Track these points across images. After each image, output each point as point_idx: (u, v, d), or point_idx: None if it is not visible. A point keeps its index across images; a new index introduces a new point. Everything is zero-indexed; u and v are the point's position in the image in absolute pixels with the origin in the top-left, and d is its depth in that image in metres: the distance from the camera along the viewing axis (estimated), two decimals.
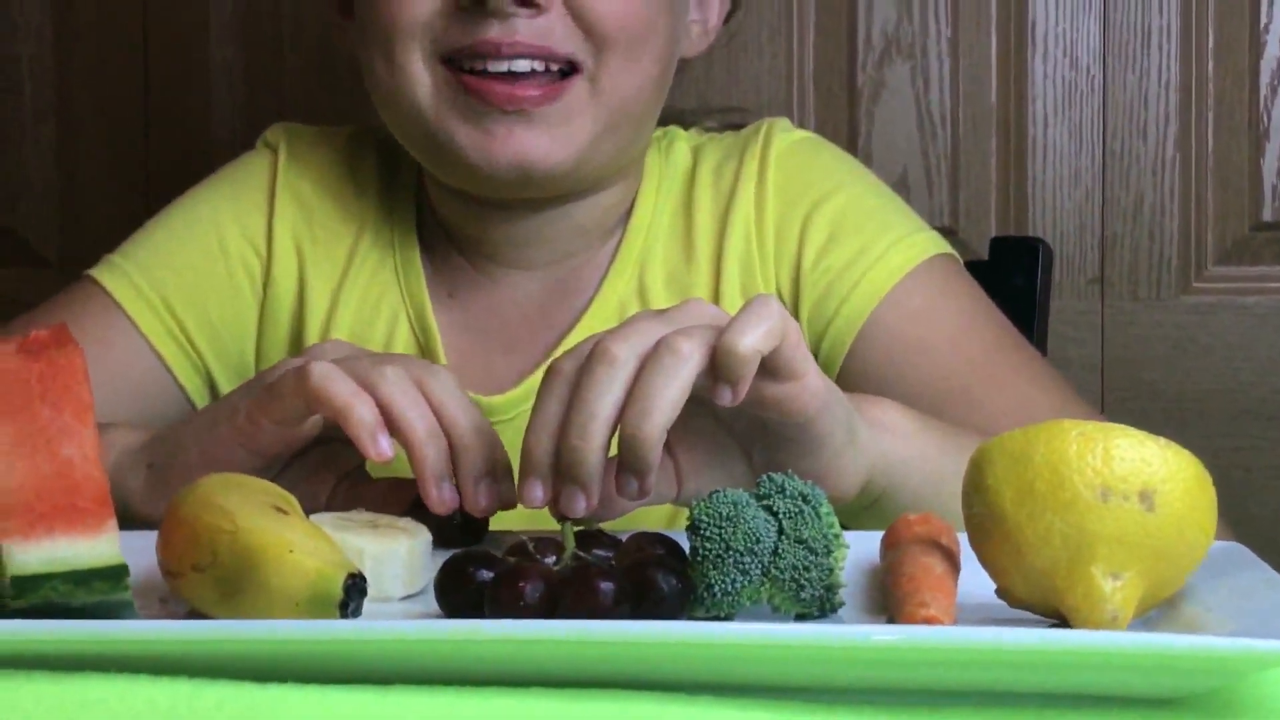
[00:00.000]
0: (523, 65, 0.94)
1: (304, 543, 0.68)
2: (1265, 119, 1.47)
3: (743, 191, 1.01)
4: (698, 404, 0.72)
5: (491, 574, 0.68)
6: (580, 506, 0.72)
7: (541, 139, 0.95)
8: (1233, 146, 1.50)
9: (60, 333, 0.69)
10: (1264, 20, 1.47)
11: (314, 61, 1.62)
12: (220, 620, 0.68)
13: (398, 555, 0.74)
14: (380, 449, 0.77)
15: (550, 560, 0.70)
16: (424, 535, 0.76)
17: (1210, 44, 1.48)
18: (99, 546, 0.68)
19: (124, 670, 0.61)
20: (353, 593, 0.66)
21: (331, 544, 0.69)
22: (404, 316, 1.04)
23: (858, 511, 0.81)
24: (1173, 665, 0.59)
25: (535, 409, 0.73)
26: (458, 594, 0.69)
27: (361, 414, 0.77)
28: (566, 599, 0.66)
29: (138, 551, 0.71)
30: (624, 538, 0.73)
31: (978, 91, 1.49)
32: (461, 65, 0.95)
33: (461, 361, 1.02)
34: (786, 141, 1.03)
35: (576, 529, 0.72)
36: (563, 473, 0.72)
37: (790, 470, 0.72)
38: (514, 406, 1.01)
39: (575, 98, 0.95)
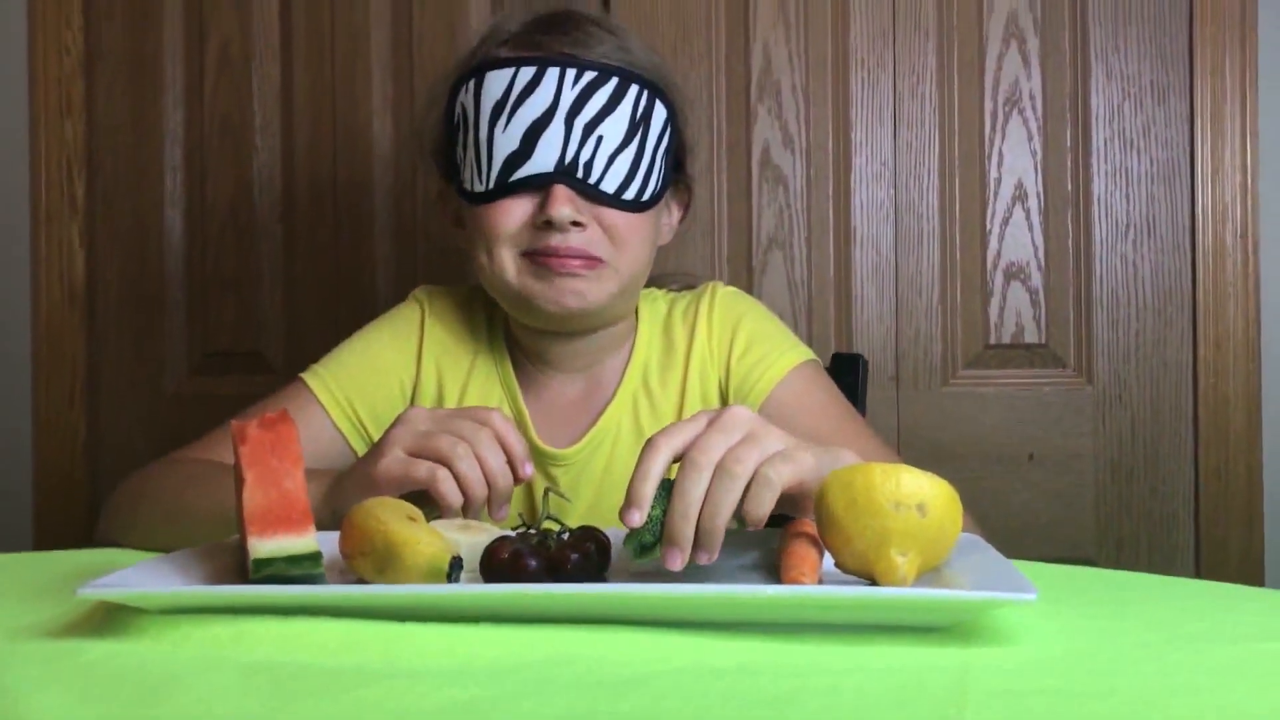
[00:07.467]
0: (575, 263, 1.22)
1: (425, 537, 0.83)
2: (990, 283, 1.89)
3: (700, 323, 1.33)
4: None
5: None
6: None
7: (584, 286, 1.23)
8: (973, 301, 1.97)
9: (283, 415, 0.86)
10: (987, 227, 1.91)
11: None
12: (376, 585, 0.81)
13: (479, 545, 0.89)
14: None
15: (532, 543, 0.86)
16: (495, 533, 0.93)
17: (959, 242, 1.94)
18: (304, 541, 0.83)
19: (321, 614, 0.76)
20: (454, 567, 0.82)
21: (442, 538, 0.84)
22: (507, 403, 1.33)
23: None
24: (937, 607, 0.74)
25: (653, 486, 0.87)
26: (487, 565, 0.86)
27: (444, 490, 0.99)
28: (506, 568, 0.84)
29: (327, 544, 0.87)
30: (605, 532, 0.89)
31: (823, 267, 1.93)
32: (535, 256, 1.22)
33: (539, 428, 1.32)
34: (721, 293, 1.35)
35: (558, 528, 0.88)
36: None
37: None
38: (572, 458, 1.32)
39: (602, 273, 1.24)
